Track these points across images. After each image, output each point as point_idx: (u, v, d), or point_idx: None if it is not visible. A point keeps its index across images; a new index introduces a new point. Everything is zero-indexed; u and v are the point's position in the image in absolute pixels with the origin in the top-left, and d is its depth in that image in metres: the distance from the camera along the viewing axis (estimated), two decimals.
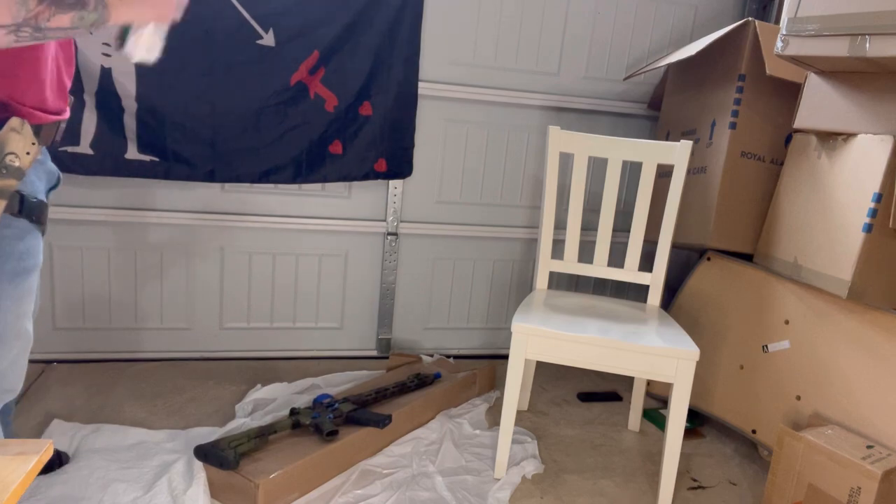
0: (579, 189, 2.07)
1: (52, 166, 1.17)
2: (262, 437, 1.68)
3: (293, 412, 1.81)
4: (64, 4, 0.89)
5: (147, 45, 1.00)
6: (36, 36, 0.91)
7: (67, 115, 1.18)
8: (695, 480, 1.93)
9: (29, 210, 1.09)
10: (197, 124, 2.13)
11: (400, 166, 2.40)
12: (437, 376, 2.23)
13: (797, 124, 1.89)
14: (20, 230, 1.09)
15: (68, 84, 1.18)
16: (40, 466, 0.75)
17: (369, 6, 2.20)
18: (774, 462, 1.72)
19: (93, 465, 1.67)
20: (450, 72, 2.42)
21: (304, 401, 2.06)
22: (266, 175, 2.24)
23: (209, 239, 2.34)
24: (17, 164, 1.03)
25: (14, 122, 1.03)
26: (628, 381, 2.45)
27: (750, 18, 2.02)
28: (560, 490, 1.80)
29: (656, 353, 1.69)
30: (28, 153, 1.05)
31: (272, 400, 2.10)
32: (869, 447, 1.61)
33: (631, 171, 2.62)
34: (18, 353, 1.15)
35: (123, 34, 0.98)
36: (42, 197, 1.13)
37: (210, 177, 2.19)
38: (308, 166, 2.27)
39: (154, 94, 2.07)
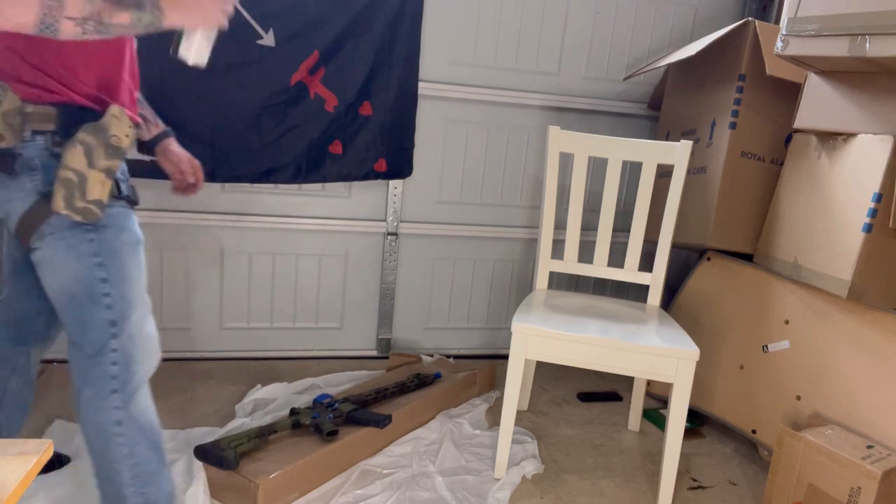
0: (579, 189, 2.07)
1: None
2: (262, 437, 1.68)
3: (293, 412, 1.81)
4: (124, 3, 1.02)
5: (197, 49, 1.14)
6: (99, 30, 1.03)
7: (140, 122, 1.31)
8: (695, 480, 1.93)
9: (126, 191, 1.22)
10: (197, 124, 2.13)
11: (400, 166, 2.40)
12: (437, 376, 2.23)
13: (797, 124, 1.89)
14: (124, 209, 1.22)
15: (136, 97, 1.31)
16: (40, 466, 0.75)
17: (369, 6, 2.20)
18: (774, 462, 1.72)
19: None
20: (450, 72, 2.42)
21: (304, 401, 2.06)
22: (266, 175, 2.24)
23: (209, 239, 2.34)
24: (119, 145, 1.15)
25: (114, 109, 1.15)
26: (628, 381, 2.45)
27: (750, 18, 2.02)
28: (560, 490, 1.80)
29: (656, 353, 1.69)
30: (126, 136, 1.17)
31: (272, 400, 2.10)
32: (869, 447, 1.61)
33: (631, 171, 2.62)
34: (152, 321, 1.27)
35: (178, 40, 1.13)
36: (127, 181, 1.24)
37: (210, 177, 2.19)
38: (308, 166, 2.27)
39: (154, 94, 2.06)
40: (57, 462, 1.65)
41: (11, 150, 1.11)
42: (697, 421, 2.24)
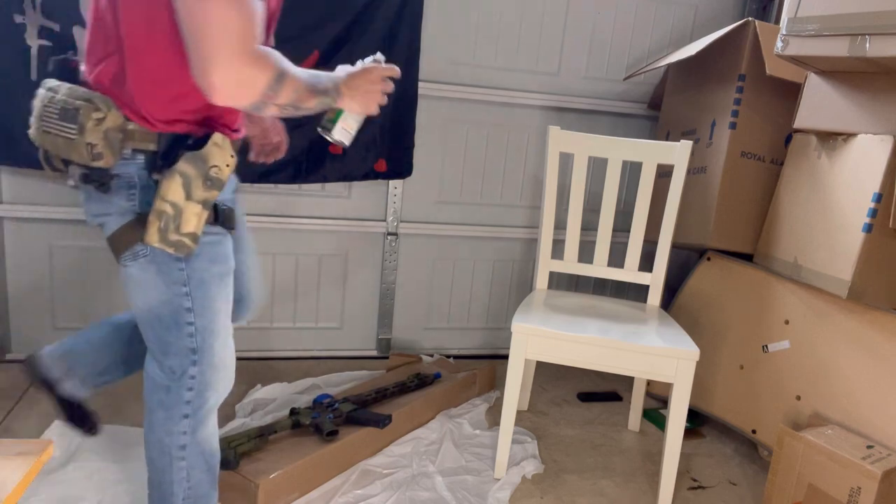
0: (579, 189, 2.07)
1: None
2: (262, 437, 1.68)
3: (293, 412, 1.81)
4: (318, 92, 1.14)
5: (346, 130, 1.27)
6: (292, 112, 1.13)
7: (244, 133, 1.28)
8: (695, 480, 1.93)
9: (223, 217, 1.19)
10: None
11: (400, 166, 2.40)
12: (437, 376, 2.23)
13: (797, 124, 1.89)
14: (219, 236, 1.20)
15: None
16: (40, 466, 0.75)
17: (369, 6, 2.20)
18: (774, 462, 1.72)
19: (93, 465, 1.67)
20: (450, 72, 2.42)
21: (304, 401, 2.06)
22: (266, 175, 2.24)
23: None
24: (219, 175, 1.13)
25: (216, 137, 1.13)
26: (628, 381, 2.45)
27: (750, 18, 2.02)
28: (560, 490, 1.80)
29: (656, 353, 1.69)
30: (227, 165, 1.15)
31: (272, 400, 2.10)
32: (869, 447, 1.61)
33: (631, 171, 2.62)
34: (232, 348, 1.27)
35: (335, 118, 1.25)
36: (230, 203, 1.22)
37: None
38: (308, 166, 2.27)
39: None
40: (87, 422, 1.58)
41: (108, 170, 1.09)
42: (697, 421, 2.24)
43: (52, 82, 1.12)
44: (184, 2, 0.98)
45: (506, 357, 1.78)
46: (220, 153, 1.13)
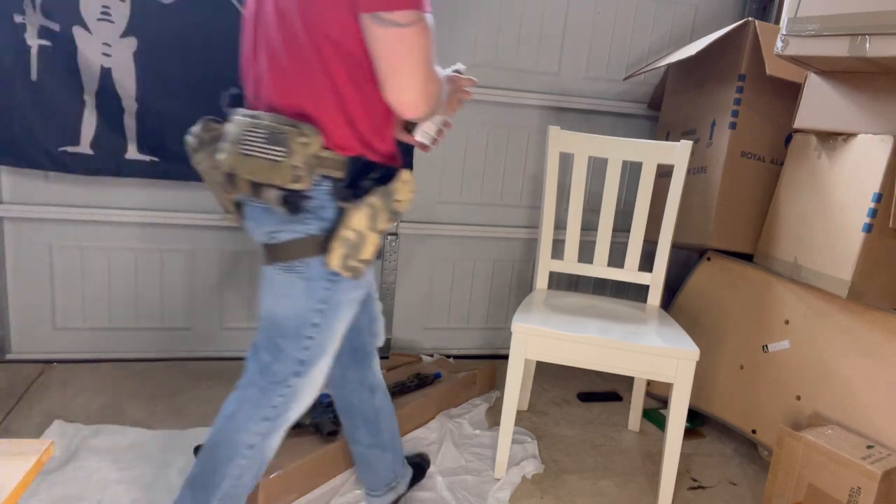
0: (579, 189, 2.07)
1: None
2: None
3: None
4: (444, 102, 1.28)
5: (427, 133, 1.38)
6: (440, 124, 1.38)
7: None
8: (695, 480, 1.93)
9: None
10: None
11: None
12: (437, 376, 2.23)
13: (797, 124, 1.89)
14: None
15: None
16: (40, 466, 0.75)
17: None
18: (774, 462, 1.72)
19: (93, 465, 1.68)
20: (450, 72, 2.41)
21: None
22: None
23: (209, 239, 2.34)
24: (400, 209, 1.20)
25: (405, 174, 1.21)
26: (628, 381, 2.45)
27: (750, 18, 2.02)
28: (560, 490, 1.80)
29: (656, 353, 1.69)
30: (408, 200, 1.22)
31: None
32: (869, 447, 1.61)
33: (631, 171, 2.62)
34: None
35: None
36: None
37: None
38: None
39: (154, 94, 2.07)
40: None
41: (302, 192, 1.12)
42: (697, 421, 2.24)
43: (245, 111, 1.18)
44: (378, 31, 1.05)
45: (506, 357, 1.78)
46: (404, 189, 1.19)
